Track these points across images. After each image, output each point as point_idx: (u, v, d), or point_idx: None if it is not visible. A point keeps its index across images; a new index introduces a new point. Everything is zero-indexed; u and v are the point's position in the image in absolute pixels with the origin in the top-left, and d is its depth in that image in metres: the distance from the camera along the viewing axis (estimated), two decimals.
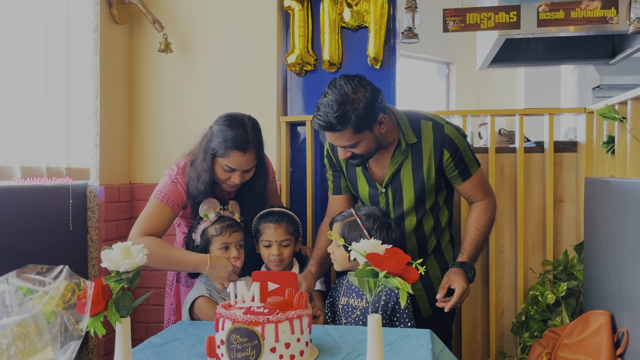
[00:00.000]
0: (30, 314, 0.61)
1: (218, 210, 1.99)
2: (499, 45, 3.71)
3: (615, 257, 1.89)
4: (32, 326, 0.59)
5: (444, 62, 6.37)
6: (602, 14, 2.98)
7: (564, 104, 5.42)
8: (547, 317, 2.35)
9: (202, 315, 1.91)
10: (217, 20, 2.81)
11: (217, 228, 1.96)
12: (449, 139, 1.96)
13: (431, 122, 1.99)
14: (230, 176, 1.96)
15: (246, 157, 1.92)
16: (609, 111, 2.12)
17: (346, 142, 1.86)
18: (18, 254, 2.11)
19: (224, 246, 1.96)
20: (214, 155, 1.94)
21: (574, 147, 2.62)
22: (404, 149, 1.97)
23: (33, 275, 0.68)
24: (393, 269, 1.26)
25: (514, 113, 2.64)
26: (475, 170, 2.04)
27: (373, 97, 1.85)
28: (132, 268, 1.24)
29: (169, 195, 1.99)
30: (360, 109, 1.80)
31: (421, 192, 1.99)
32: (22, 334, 0.57)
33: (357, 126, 1.82)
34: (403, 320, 1.82)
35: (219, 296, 1.93)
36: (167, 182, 2.01)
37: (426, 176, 1.97)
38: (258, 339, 1.28)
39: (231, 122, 1.94)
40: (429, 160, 1.97)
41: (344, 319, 1.87)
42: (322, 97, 1.85)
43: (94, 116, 2.56)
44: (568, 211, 2.60)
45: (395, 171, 1.99)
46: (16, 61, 2.14)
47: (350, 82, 1.83)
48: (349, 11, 2.71)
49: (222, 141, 1.91)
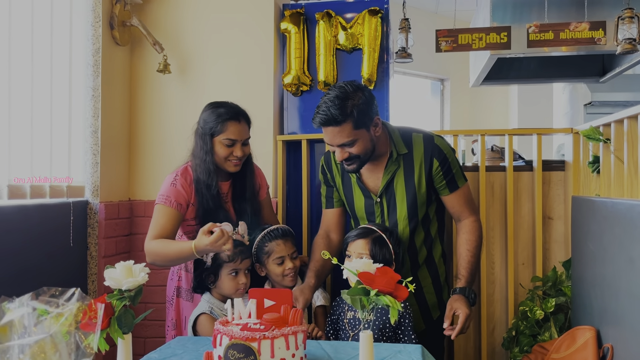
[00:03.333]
0: (47, 334, 0.66)
1: (232, 234, 2.02)
2: (491, 64, 3.79)
3: (600, 274, 1.95)
4: (49, 345, 0.64)
5: (438, 78, 6.46)
6: (590, 35, 3.05)
7: (557, 119, 5.50)
8: (536, 332, 2.40)
9: (203, 332, 1.95)
10: (216, 42, 2.89)
11: (230, 254, 1.98)
12: (439, 149, 2.05)
13: (422, 135, 2.08)
14: (232, 151, 2.07)
15: (241, 126, 2.07)
16: (594, 132, 2.20)
17: (345, 139, 1.92)
18: (20, 269, 2.16)
19: (234, 272, 2.01)
20: (212, 136, 2.07)
21: (562, 165, 2.69)
22: (396, 158, 2.05)
23: (48, 297, 0.73)
24: (383, 288, 1.33)
25: (504, 133, 2.72)
26: (463, 183, 2.10)
27: (371, 98, 1.96)
28: (134, 286, 1.30)
29: (170, 196, 2.07)
30: (360, 104, 1.90)
31: (413, 202, 2.05)
32: (40, 353, 0.62)
33: (357, 121, 1.90)
34: (407, 334, 1.88)
35: (220, 313, 1.97)
36: (167, 185, 2.11)
37: (417, 185, 2.04)
38: (254, 354, 1.33)
39: (216, 103, 2.12)
40: (420, 169, 2.04)
41: (350, 332, 1.92)
42: (323, 97, 1.94)
43: (94, 135, 2.62)
44: (557, 228, 2.67)
45: (389, 180, 2.06)
46: (23, 83, 2.20)
47: (349, 84, 1.95)
48: (343, 34, 2.80)
49: (216, 118, 2.06)
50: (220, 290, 2.03)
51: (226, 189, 2.18)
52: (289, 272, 2.05)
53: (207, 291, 2.06)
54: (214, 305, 2.01)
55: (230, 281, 2.01)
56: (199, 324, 1.98)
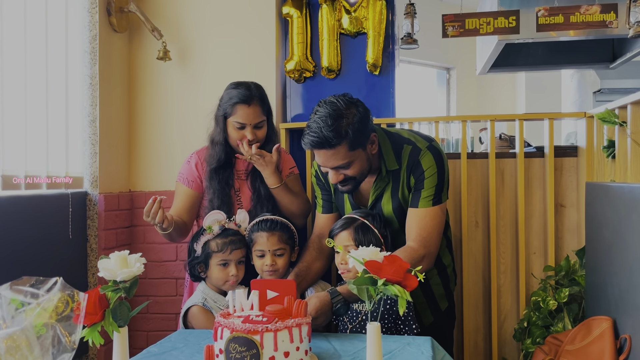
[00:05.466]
0: (20, 327, 0.60)
1: (223, 223, 1.97)
2: (498, 50, 3.72)
3: (617, 262, 1.88)
4: (23, 339, 0.58)
5: (444, 67, 6.37)
6: (601, 18, 2.98)
7: (565, 108, 5.41)
8: (549, 323, 2.34)
9: (194, 324, 1.89)
10: (216, 28, 2.81)
11: (219, 244, 1.92)
12: (419, 165, 1.87)
13: (411, 147, 1.89)
14: (243, 134, 2.06)
15: (251, 109, 2.05)
16: (609, 115, 2.12)
17: (340, 161, 1.78)
18: (17, 262, 2.10)
19: (223, 262, 1.92)
20: (225, 118, 2.09)
21: (574, 151, 2.61)
22: (384, 175, 1.91)
23: (27, 287, 0.67)
24: (392, 277, 1.26)
25: (514, 118, 2.64)
26: (426, 206, 1.85)
27: (366, 113, 1.81)
28: (129, 277, 1.24)
29: (184, 173, 2.18)
30: (355, 123, 1.75)
31: (402, 217, 1.93)
32: (13, 348, 0.56)
33: (352, 142, 1.76)
34: (408, 324, 1.81)
35: (214, 305, 1.91)
36: (185, 162, 2.21)
37: (402, 202, 1.92)
38: (257, 348, 1.27)
39: (236, 84, 2.13)
40: (403, 185, 1.90)
41: (349, 324, 1.85)
42: (312, 116, 1.78)
43: (93, 125, 2.56)
44: (569, 216, 2.59)
45: (377, 196, 1.95)
46: (18, 71, 2.14)
47: (341, 99, 1.79)
48: (347, 18, 2.72)
49: (228, 99, 2.08)
50: (211, 281, 1.96)
51: (242, 166, 2.18)
52: (267, 268, 1.91)
53: (203, 280, 1.99)
54: (208, 296, 1.93)
55: (220, 272, 1.92)
56: (190, 315, 1.91)
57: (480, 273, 2.66)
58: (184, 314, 1.92)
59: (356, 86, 2.72)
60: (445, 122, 2.94)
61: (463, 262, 2.59)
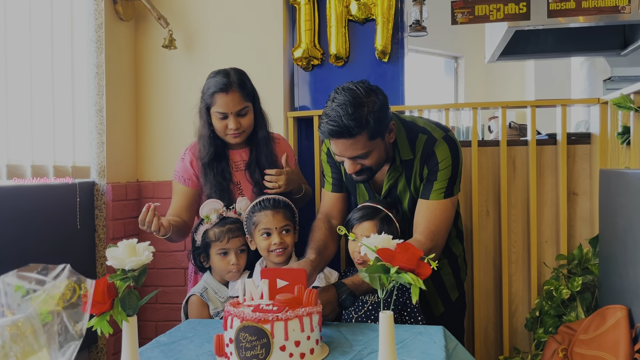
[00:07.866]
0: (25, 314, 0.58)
1: (220, 212, 1.94)
2: (508, 37, 3.66)
3: (632, 250, 1.84)
4: (28, 327, 0.56)
5: (452, 56, 6.31)
6: (613, 3, 2.93)
7: (575, 96, 5.34)
8: (562, 313, 2.31)
9: (191, 314, 1.88)
10: (222, 16, 2.78)
11: (216, 233, 1.90)
12: (434, 155, 1.81)
13: (426, 137, 1.83)
14: (227, 123, 1.98)
15: (230, 96, 1.96)
16: (625, 101, 2.07)
17: (359, 151, 1.71)
18: (25, 253, 2.09)
19: (223, 251, 1.89)
20: (208, 109, 2.02)
21: (587, 138, 2.56)
22: (398, 165, 1.85)
23: (33, 274, 0.65)
24: (405, 265, 1.23)
25: (526, 105, 2.59)
26: (437, 198, 1.80)
27: (385, 101, 1.74)
28: (137, 266, 1.22)
29: (179, 171, 2.11)
30: (376, 111, 1.67)
31: (413, 208, 1.88)
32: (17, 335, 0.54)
33: (373, 131, 1.68)
34: (413, 315, 1.78)
35: (214, 296, 1.89)
36: (178, 160, 2.14)
37: (414, 192, 1.87)
38: (267, 337, 1.25)
39: (215, 72, 2.03)
40: (415, 176, 1.85)
41: (354, 314, 1.83)
42: (330, 103, 1.70)
43: (100, 114, 2.54)
44: (582, 204, 2.55)
45: (391, 185, 1.90)
46: (23, 61, 2.12)
47: (360, 86, 1.71)
48: (355, 4, 2.67)
49: (207, 89, 2.00)
50: (215, 271, 1.94)
51: (238, 157, 2.10)
52: (275, 247, 1.83)
53: (208, 270, 1.98)
54: (209, 286, 1.92)
55: (220, 261, 1.90)
56: (189, 304, 1.90)
57: (491, 262, 2.63)
58: (185, 302, 1.92)
59: (365, 74, 2.68)
60: (455, 110, 2.89)
61: (474, 251, 2.56)
